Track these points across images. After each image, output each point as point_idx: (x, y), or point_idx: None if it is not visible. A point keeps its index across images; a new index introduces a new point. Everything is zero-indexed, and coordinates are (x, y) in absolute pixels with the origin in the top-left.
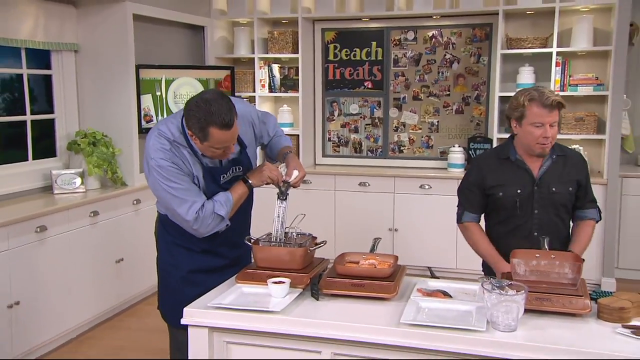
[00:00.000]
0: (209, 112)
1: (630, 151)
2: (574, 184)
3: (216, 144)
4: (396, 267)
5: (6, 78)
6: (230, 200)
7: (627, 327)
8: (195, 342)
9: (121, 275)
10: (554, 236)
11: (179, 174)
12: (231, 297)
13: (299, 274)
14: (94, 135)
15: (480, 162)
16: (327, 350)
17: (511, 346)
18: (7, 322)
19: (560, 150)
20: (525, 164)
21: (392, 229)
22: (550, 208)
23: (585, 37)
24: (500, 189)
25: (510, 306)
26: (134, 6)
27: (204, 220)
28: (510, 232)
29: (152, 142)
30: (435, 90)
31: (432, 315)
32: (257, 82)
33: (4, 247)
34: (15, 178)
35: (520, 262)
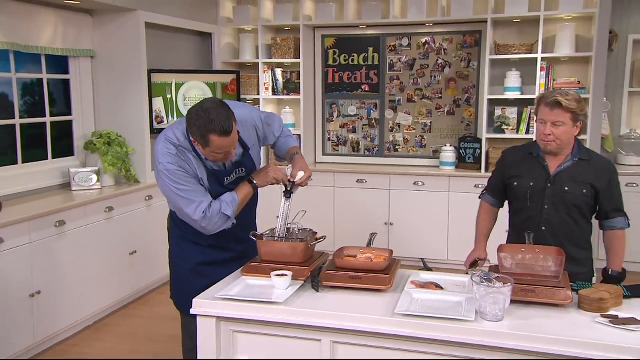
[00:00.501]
0: (209, 120)
1: (610, 150)
2: (588, 187)
3: (217, 149)
4: (391, 260)
5: (27, 82)
6: (235, 201)
7: (605, 316)
8: (203, 330)
9: (134, 267)
10: (564, 236)
11: (186, 176)
12: (237, 288)
13: (301, 267)
14: (109, 136)
15: (507, 153)
16: (326, 339)
17: (498, 335)
18: (29, 310)
19: (586, 155)
20: (545, 160)
21: (387, 223)
22: (562, 206)
23: (568, 43)
24: (516, 179)
25: (498, 297)
26: (146, 15)
27: (211, 219)
28: (523, 223)
29: (160, 147)
30: (428, 93)
31: (425, 306)
32: (261, 86)
33: (26, 240)
34: (36, 176)
35: (507, 256)
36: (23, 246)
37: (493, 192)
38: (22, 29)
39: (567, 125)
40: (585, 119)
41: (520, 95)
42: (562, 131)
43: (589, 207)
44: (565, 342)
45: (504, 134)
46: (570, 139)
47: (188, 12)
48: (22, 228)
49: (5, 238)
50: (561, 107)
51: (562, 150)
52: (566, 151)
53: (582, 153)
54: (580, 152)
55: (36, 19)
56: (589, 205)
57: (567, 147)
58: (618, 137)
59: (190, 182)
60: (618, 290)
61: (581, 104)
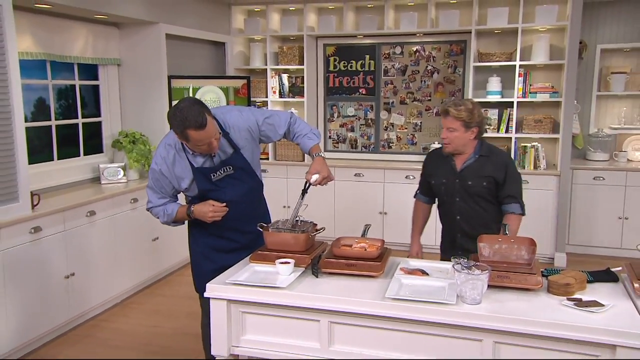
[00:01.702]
0: (183, 117)
1: (580, 147)
2: (489, 180)
3: (197, 142)
4: (383, 249)
5: (62, 88)
6: (171, 216)
7: (571, 299)
8: (216, 311)
9: (157, 251)
10: (475, 222)
11: (158, 179)
12: (245, 274)
13: (302, 255)
14: (134, 135)
15: (428, 156)
16: (324, 320)
17: (476, 316)
18: (64, 290)
19: (486, 151)
20: (453, 160)
21: (382, 212)
22: (468, 197)
23: (543, 52)
24: (432, 177)
25: (476, 283)
26: (167, 27)
27: (152, 212)
28: (444, 214)
29: (159, 150)
30: (418, 96)
31: (412, 290)
32: (269, 89)
33: (61, 228)
34: (69, 171)
35: (486, 246)
36: (58, 234)
37: (423, 190)
38: (57, 41)
39: (459, 131)
40: (480, 125)
41: (501, 99)
42: (454, 136)
43: (493, 195)
44: (535, 322)
45: (486, 133)
46: (464, 142)
47: (204, 24)
48: (58, 218)
49: (43, 227)
50: (450, 115)
51: (458, 151)
52: (468, 150)
53: (483, 150)
54: (480, 150)
55: (69, 31)
56: (492, 193)
57: (464, 148)
58: (587, 136)
59: (157, 184)
60: (582, 276)
61: (472, 114)
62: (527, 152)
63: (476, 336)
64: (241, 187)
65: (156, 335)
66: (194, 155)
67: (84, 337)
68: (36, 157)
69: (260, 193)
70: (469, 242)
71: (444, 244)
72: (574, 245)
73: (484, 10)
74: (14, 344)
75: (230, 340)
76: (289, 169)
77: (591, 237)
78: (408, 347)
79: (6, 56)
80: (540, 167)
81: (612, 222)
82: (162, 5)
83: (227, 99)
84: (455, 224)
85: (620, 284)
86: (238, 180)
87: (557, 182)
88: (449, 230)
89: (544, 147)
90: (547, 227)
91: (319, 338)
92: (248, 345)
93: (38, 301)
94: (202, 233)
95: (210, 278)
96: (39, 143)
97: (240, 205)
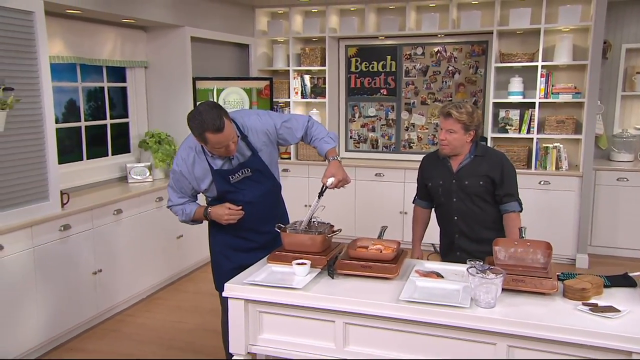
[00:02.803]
0: (202, 121)
1: (604, 148)
2: (485, 179)
3: (215, 144)
4: (399, 251)
5: (91, 90)
6: (189, 216)
7: (586, 304)
8: (234, 310)
9: (181, 249)
10: (473, 221)
11: (179, 179)
12: (263, 275)
13: (318, 256)
14: (160, 135)
15: (423, 159)
16: (339, 320)
17: (490, 320)
18: (92, 286)
19: (481, 152)
20: (448, 161)
21: (402, 212)
22: (466, 197)
23: (566, 52)
24: (429, 180)
25: (490, 287)
26: (192, 30)
27: (172, 211)
28: (441, 216)
29: (180, 151)
30: (439, 97)
31: (426, 293)
32: (291, 90)
33: (89, 226)
34: (98, 170)
35: (501, 249)
36: (87, 231)
37: (421, 195)
38: (87, 44)
39: (458, 133)
40: (478, 129)
41: (523, 99)
42: (454, 137)
43: (489, 194)
44: (548, 327)
45: (507, 134)
46: (462, 144)
47: (228, 26)
48: (86, 216)
49: (72, 224)
50: (452, 117)
51: (455, 153)
52: (464, 151)
53: (478, 150)
54: (475, 150)
55: (98, 35)
56: (489, 192)
57: (461, 149)
58: (611, 136)
59: (177, 184)
60: (599, 281)
61: (472, 117)
62: (549, 153)
63: (490, 340)
64: (259, 189)
65: (180, 331)
66: (213, 157)
67: (111, 332)
68: (67, 157)
69: (278, 194)
70: (468, 242)
71: (442, 246)
72: (596, 246)
73: (506, 10)
74: (44, 337)
75: (248, 339)
76: (310, 168)
77: (614, 239)
78: (422, 349)
79: (38, 61)
80: (562, 168)
81: (635, 224)
82: (188, 9)
83: (250, 100)
84: (453, 225)
85: (639, 289)
86: (256, 182)
87: (579, 183)
88: (447, 232)
89: (566, 148)
90: (569, 228)
91: (334, 338)
92: (265, 344)
93: (67, 296)
94: (221, 232)
95: (229, 277)
96: (70, 143)
97: (258, 207)
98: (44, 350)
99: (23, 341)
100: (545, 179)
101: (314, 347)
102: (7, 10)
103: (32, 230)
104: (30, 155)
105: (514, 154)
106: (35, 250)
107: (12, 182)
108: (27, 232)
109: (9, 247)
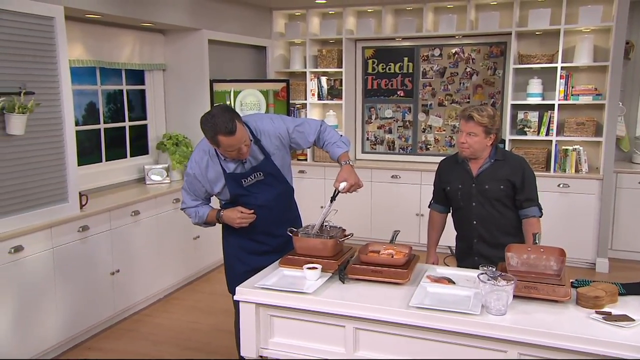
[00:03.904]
0: (214, 124)
1: (626, 150)
2: (506, 183)
3: (227, 147)
4: (410, 256)
5: (111, 93)
6: (202, 218)
7: (600, 313)
8: (245, 314)
9: (197, 250)
10: (492, 226)
11: (192, 182)
12: (274, 279)
13: (330, 261)
14: (177, 137)
15: (441, 163)
16: (350, 325)
17: (500, 328)
18: (110, 286)
19: (501, 155)
20: (468, 165)
21: (418, 214)
22: (486, 201)
23: (587, 53)
24: (447, 184)
25: (501, 294)
26: (209, 33)
27: (185, 212)
28: (459, 220)
29: (194, 155)
30: (457, 98)
31: (436, 299)
32: (308, 92)
33: (107, 227)
34: (116, 172)
35: (514, 255)
36: (105, 232)
37: (438, 199)
38: (106, 48)
39: (479, 136)
40: (499, 132)
41: (542, 101)
42: (475, 140)
43: (510, 199)
44: (560, 335)
45: (525, 136)
46: (482, 147)
47: (245, 29)
48: (104, 217)
49: (90, 226)
50: (474, 120)
51: (475, 156)
52: (484, 155)
53: (498, 155)
54: (496, 154)
55: (118, 39)
56: (509, 197)
57: (481, 153)
58: (634, 138)
59: (191, 186)
60: (614, 288)
61: (494, 120)
62: (569, 156)
63: (501, 347)
64: (271, 192)
65: (195, 332)
66: (226, 161)
67: (128, 332)
68: (86, 159)
69: (290, 198)
70: (486, 247)
71: (459, 250)
72: (617, 250)
73: (525, 11)
74: (63, 336)
75: (259, 342)
76: (326, 170)
77: (636, 243)
78: (432, 355)
79: (58, 65)
80: (582, 170)
81: None
82: (206, 13)
83: (267, 102)
84: (472, 230)
85: None
86: (268, 185)
87: (599, 186)
88: (465, 237)
89: (586, 150)
90: (589, 232)
91: (344, 343)
92: (276, 347)
93: (85, 296)
94: (235, 235)
95: (242, 279)
96: (89, 145)
97: (271, 210)
98: (62, 349)
99: (42, 340)
100: (564, 181)
101: (324, 351)
102: (29, 16)
103: (51, 231)
104: (50, 158)
105: (532, 156)
106: (54, 250)
107: (33, 184)
108: (47, 233)
109: (29, 248)
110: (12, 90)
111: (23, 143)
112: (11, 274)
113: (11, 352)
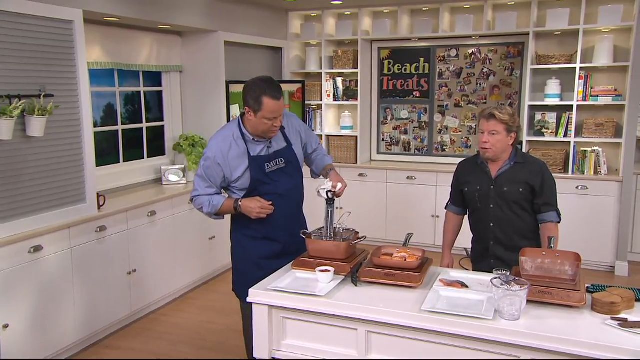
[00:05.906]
0: (263, 86)
1: None
2: (525, 186)
3: (268, 113)
4: (423, 260)
5: (128, 94)
6: (216, 207)
7: (615, 319)
8: (258, 316)
9: (213, 250)
10: (510, 229)
11: (210, 167)
12: (287, 281)
13: (342, 263)
14: (193, 138)
15: (459, 165)
16: (362, 328)
17: (513, 333)
18: (127, 285)
19: (521, 158)
20: (487, 167)
21: (434, 216)
22: (504, 204)
23: (606, 54)
24: (466, 185)
25: (514, 299)
26: (226, 35)
27: (195, 202)
28: (476, 222)
29: (214, 140)
30: (473, 99)
31: (449, 303)
32: (323, 93)
33: (124, 227)
34: (134, 172)
35: (528, 260)
36: (122, 232)
37: (454, 201)
38: (124, 50)
39: (501, 135)
40: (519, 132)
41: (560, 102)
42: (497, 139)
43: (528, 202)
44: (573, 342)
45: (543, 137)
46: (504, 147)
47: (261, 30)
48: (121, 217)
49: (107, 226)
50: (495, 118)
51: (498, 157)
52: (504, 157)
53: (518, 157)
54: (516, 157)
55: (135, 41)
56: (528, 200)
57: (503, 154)
58: None
59: (206, 173)
60: (630, 294)
61: (514, 118)
62: (587, 157)
63: (513, 352)
64: (289, 182)
65: (210, 331)
66: (254, 142)
67: (145, 330)
68: (104, 160)
69: (302, 194)
70: (503, 250)
71: (475, 252)
72: (636, 253)
73: (543, 11)
74: (81, 334)
75: (272, 344)
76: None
77: None
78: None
79: (77, 68)
80: (601, 172)
81: None
82: (222, 15)
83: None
84: (488, 232)
85: None
86: (288, 175)
87: (619, 188)
88: (482, 239)
89: (606, 152)
90: (608, 235)
91: (356, 346)
92: (288, 349)
93: (103, 295)
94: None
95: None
96: (107, 146)
97: (288, 200)
98: (80, 347)
99: (61, 338)
100: (582, 183)
101: (336, 354)
102: (48, 20)
103: (69, 231)
104: (68, 159)
105: (550, 157)
106: (72, 250)
107: (51, 185)
108: (65, 233)
109: (47, 248)
110: (32, 93)
111: (42, 145)
112: (31, 273)
113: (31, 350)
